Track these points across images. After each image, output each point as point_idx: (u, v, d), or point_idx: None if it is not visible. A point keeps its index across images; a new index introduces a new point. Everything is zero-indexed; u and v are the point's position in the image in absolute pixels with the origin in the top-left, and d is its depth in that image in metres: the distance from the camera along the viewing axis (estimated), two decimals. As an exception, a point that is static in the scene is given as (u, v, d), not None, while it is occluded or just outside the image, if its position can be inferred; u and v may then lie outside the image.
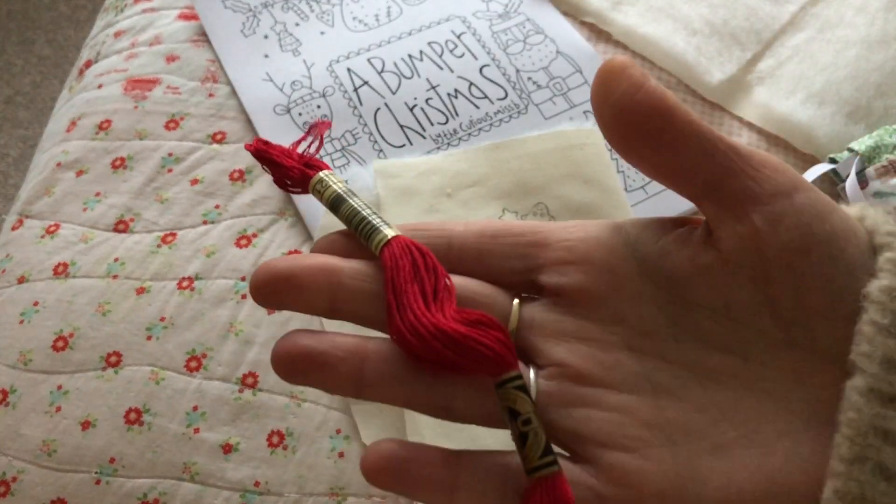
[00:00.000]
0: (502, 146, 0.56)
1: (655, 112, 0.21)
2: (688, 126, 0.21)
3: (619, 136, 0.22)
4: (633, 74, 0.21)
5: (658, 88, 0.21)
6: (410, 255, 0.23)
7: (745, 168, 0.21)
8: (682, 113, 0.21)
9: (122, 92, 0.62)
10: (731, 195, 0.21)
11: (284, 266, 0.23)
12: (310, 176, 0.26)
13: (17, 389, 0.49)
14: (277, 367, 0.22)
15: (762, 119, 0.60)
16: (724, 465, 0.21)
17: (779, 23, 0.64)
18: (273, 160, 0.27)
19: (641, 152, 0.22)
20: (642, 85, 0.21)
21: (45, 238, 0.55)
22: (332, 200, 0.26)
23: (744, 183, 0.21)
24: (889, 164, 0.53)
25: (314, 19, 0.66)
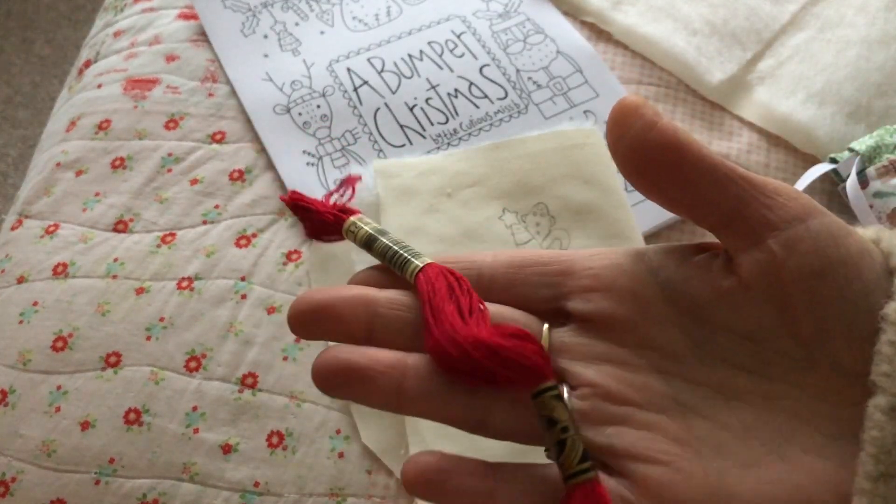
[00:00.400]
0: (502, 146, 0.56)
1: (669, 148, 0.22)
2: (701, 160, 0.22)
3: (635, 173, 0.23)
4: (646, 113, 0.22)
5: (670, 126, 0.22)
6: (445, 278, 0.24)
7: (760, 196, 0.22)
8: (695, 148, 0.22)
9: (122, 92, 0.62)
10: (747, 224, 0.22)
11: (323, 297, 0.24)
12: (343, 220, 0.28)
13: (17, 390, 0.49)
14: (318, 380, 0.23)
15: (762, 119, 0.60)
16: (752, 479, 0.21)
17: (779, 22, 0.64)
18: (308, 208, 0.28)
19: (658, 187, 0.23)
20: (655, 123, 0.22)
21: (45, 238, 0.55)
22: (365, 239, 0.27)
23: (759, 211, 0.22)
24: (889, 164, 0.53)
25: (314, 19, 0.66)
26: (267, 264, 0.54)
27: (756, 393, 0.23)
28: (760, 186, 0.22)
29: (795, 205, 0.22)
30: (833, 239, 0.21)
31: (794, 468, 0.21)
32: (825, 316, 0.21)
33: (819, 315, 0.21)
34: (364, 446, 0.47)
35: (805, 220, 0.22)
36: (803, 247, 0.21)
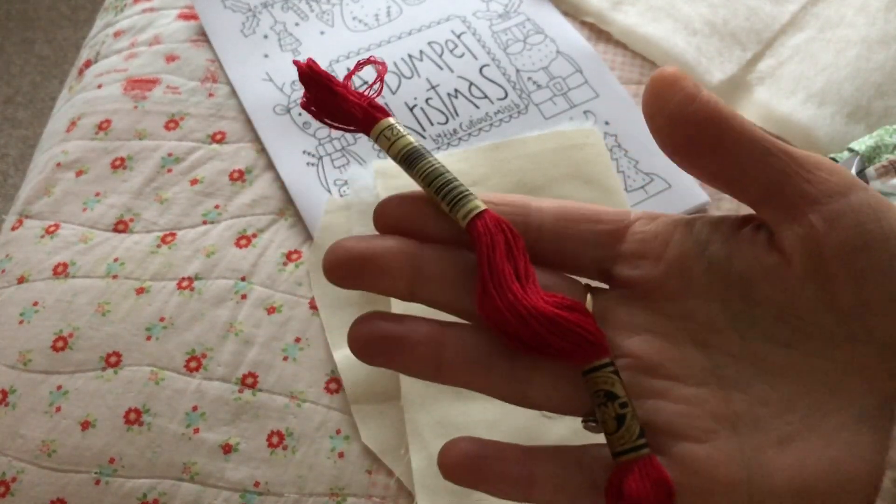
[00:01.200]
0: (502, 146, 0.56)
1: (711, 122, 0.22)
2: (743, 134, 0.22)
3: (675, 146, 0.23)
4: (686, 86, 0.22)
5: (711, 98, 0.22)
6: (503, 233, 0.23)
7: (800, 171, 0.22)
8: (737, 121, 0.22)
9: (122, 92, 0.62)
10: (788, 198, 0.22)
11: (364, 247, 0.23)
12: (376, 118, 0.24)
13: (17, 389, 0.49)
14: (356, 348, 0.23)
15: (762, 119, 0.60)
16: (788, 455, 0.22)
17: (779, 23, 0.64)
18: (331, 88, 0.24)
19: (699, 161, 0.23)
20: (696, 96, 0.22)
21: (45, 238, 0.55)
22: (406, 153, 0.24)
23: (800, 186, 0.22)
24: (889, 164, 0.53)
25: (314, 19, 0.66)
26: (267, 264, 0.54)
27: (794, 367, 0.22)
28: (801, 160, 0.22)
29: (837, 179, 0.22)
30: (874, 213, 0.21)
31: (830, 443, 0.21)
32: (866, 290, 0.21)
33: (860, 289, 0.21)
34: (364, 446, 0.47)
35: (846, 195, 0.21)
36: (844, 221, 0.21)
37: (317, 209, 0.55)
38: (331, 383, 0.49)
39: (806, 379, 0.22)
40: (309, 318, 0.52)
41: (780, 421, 0.22)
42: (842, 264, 0.21)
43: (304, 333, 0.51)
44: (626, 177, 0.57)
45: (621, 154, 0.58)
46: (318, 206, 0.55)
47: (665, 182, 0.56)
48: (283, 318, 0.51)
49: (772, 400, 0.22)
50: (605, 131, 0.59)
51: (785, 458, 0.22)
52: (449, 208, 0.23)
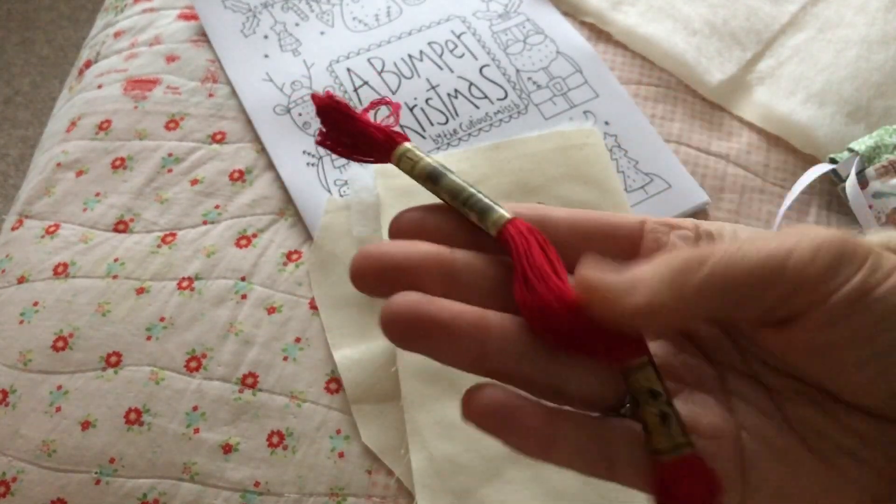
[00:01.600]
0: (502, 146, 0.56)
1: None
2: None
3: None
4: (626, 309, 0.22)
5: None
6: (535, 236, 0.23)
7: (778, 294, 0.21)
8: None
9: (122, 92, 0.62)
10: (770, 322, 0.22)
11: (395, 254, 0.22)
12: (394, 145, 0.25)
13: (17, 389, 0.49)
14: (391, 328, 0.21)
15: (762, 119, 0.60)
16: (783, 472, 0.22)
17: (779, 23, 0.64)
18: (353, 118, 0.25)
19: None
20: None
21: (45, 238, 0.55)
22: (430, 172, 0.24)
23: (780, 311, 0.21)
24: (889, 164, 0.53)
25: (314, 19, 0.66)
26: (267, 264, 0.54)
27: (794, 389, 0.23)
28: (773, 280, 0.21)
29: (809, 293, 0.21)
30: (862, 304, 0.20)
31: (828, 468, 0.22)
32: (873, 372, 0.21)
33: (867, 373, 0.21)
34: (364, 446, 0.47)
35: (823, 301, 0.20)
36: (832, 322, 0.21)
37: (317, 209, 0.55)
38: (331, 383, 0.49)
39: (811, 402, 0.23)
40: (309, 318, 0.52)
41: (779, 436, 0.22)
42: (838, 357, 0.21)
43: (304, 333, 0.51)
44: (626, 177, 0.57)
45: (621, 154, 0.58)
46: (318, 206, 0.55)
47: (665, 182, 0.56)
48: (284, 318, 0.51)
49: (775, 414, 0.23)
50: (604, 131, 0.59)
51: (778, 474, 0.22)
52: (478, 218, 0.24)
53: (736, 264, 0.20)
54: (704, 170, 0.58)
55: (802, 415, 0.22)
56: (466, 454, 0.45)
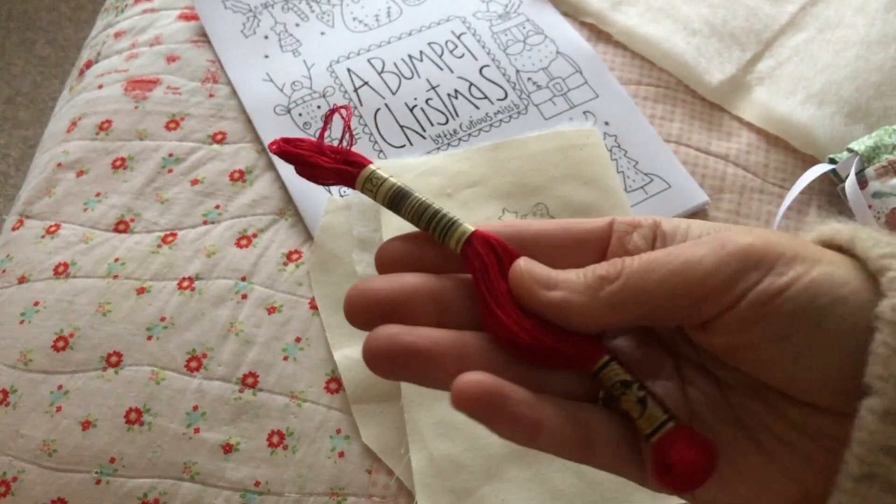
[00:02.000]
0: (502, 146, 0.56)
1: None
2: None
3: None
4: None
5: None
6: (494, 251, 0.24)
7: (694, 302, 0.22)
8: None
9: (123, 92, 0.62)
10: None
11: (386, 290, 0.23)
12: (353, 174, 0.25)
13: (18, 389, 0.49)
14: (374, 362, 0.23)
15: (762, 119, 0.60)
16: (726, 465, 0.23)
17: (778, 23, 0.64)
18: (305, 161, 0.25)
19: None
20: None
21: (46, 238, 0.55)
22: (391, 196, 0.25)
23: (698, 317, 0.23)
24: (888, 165, 0.53)
25: (314, 20, 0.66)
26: (267, 264, 0.54)
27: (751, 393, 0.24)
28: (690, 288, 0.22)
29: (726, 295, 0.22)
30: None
31: (767, 458, 0.23)
32: (801, 372, 0.22)
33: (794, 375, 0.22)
34: (364, 446, 0.47)
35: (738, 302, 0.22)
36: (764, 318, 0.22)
37: (317, 209, 0.55)
38: (331, 383, 0.50)
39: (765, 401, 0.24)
40: (309, 318, 0.52)
41: (727, 423, 0.24)
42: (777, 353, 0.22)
43: (304, 333, 0.51)
44: (625, 177, 0.57)
45: (621, 154, 0.58)
46: (319, 207, 0.55)
47: (665, 182, 0.56)
48: (284, 317, 0.52)
49: (724, 405, 0.24)
50: (604, 132, 0.59)
51: (723, 467, 0.23)
52: (441, 239, 0.24)
53: (647, 276, 0.22)
54: (704, 170, 0.58)
55: (746, 405, 0.23)
56: (466, 453, 0.45)
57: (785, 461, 0.22)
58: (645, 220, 0.26)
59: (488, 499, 0.44)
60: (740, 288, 0.21)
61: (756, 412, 0.23)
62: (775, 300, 0.21)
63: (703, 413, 0.24)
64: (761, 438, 0.23)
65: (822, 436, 0.22)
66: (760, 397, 0.23)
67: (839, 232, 0.24)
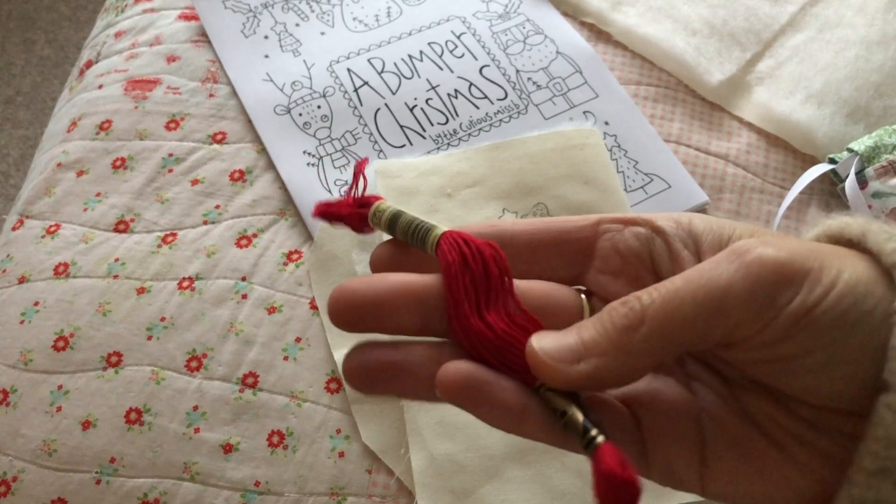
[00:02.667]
0: (502, 146, 0.56)
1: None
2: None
3: None
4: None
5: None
6: (460, 252, 0.24)
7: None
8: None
9: (123, 92, 0.62)
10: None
11: (370, 291, 0.23)
12: (364, 213, 0.27)
13: (18, 389, 0.49)
14: (354, 380, 0.23)
15: (762, 119, 0.60)
16: (732, 459, 0.23)
17: (778, 23, 0.64)
18: (338, 216, 0.27)
19: None
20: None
21: (46, 238, 0.55)
22: (388, 223, 0.26)
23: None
24: (888, 165, 0.53)
25: (314, 20, 0.66)
26: (267, 264, 0.54)
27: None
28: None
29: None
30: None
31: (780, 452, 0.22)
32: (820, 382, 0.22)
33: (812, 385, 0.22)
34: (364, 446, 0.47)
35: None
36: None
37: (317, 209, 0.55)
38: (331, 383, 0.50)
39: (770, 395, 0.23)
40: (309, 318, 0.52)
41: (732, 420, 0.23)
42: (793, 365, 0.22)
43: (304, 333, 0.51)
44: (625, 177, 0.57)
45: (621, 154, 0.58)
46: (319, 207, 0.55)
47: (665, 182, 0.56)
48: (284, 317, 0.52)
49: (730, 398, 0.24)
50: (604, 131, 0.59)
51: (725, 464, 0.23)
52: (421, 246, 0.25)
53: (674, 314, 0.21)
54: (704, 170, 0.58)
55: (755, 402, 0.23)
56: (466, 453, 0.45)
57: (800, 457, 0.22)
58: (638, 216, 0.25)
59: (488, 499, 0.44)
60: (773, 310, 0.21)
61: (768, 410, 0.23)
62: (808, 315, 0.20)
63: (712, 408, 0.24)
64: (775, 434, 0.23)
65: (839, 433, 0.22)
66: (772, 397, 0.23)
67: (848, 226, 0.23)
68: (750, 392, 0.23)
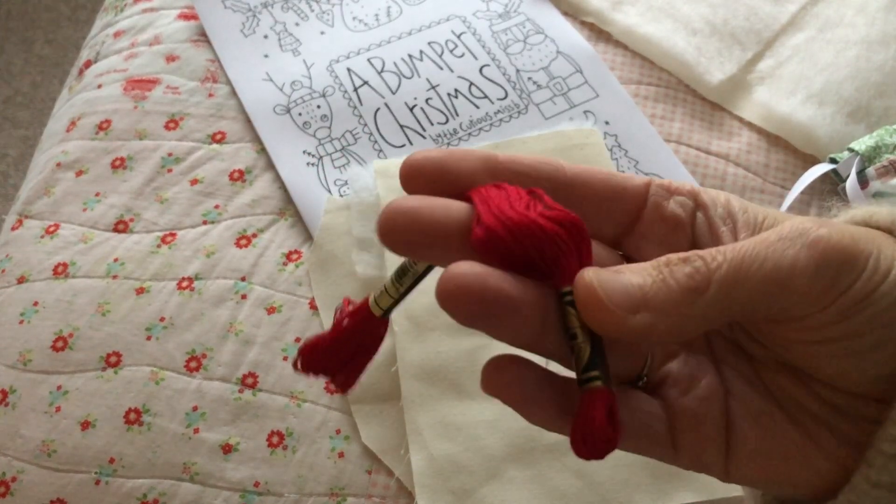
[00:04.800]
0: (502, 146, 0.56)
1: None
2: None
3: None
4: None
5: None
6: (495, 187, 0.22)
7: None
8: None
9: (122, 92, 0.62)
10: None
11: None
12: (365, 315, 0.24)
13: (17, 389, 0.49)
14: (457, 302, 0.19)
15: (762, 119, 0.60)
16: (757, 436, 0.23)
17: (779, 23, 0.64)
18: (330, 367, 0.25)
19: None
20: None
21: (45, 238, 0.55)
22: (397, 274, 0.23)
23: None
24: (889, 164, 0.53)
25: (314, 19, 0.66)
26: (267, 264, 0.54)
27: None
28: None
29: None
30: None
31: (804, 435, 0.22)
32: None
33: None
34: (364, 446, 0.47)
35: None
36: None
37: (317, 209, 0.55)
38: (331, 383, 0.49)
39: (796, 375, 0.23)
40: (309, 318, 0.52)
41: (759, 399, 0.23)
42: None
43: (304, 333, 0.51)
44: (626, 177, 0.57)
45: (621, 154, 0.58)
46: (318, 206, 0.55)
47: (665, 182, 0.56)
48: (283, 318, 0.51)
49: (757, 382, 0.24)
50: (605, 131, 0.59)
51: (754, 437, 0.23)
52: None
53: (741, 284, 0.20)
54: (705, 170, 0.58)
55: (782, 384, 0.23)
56: (466, 454, 0.45)
57: (823, 440, 0.22)
58: (682, 185, 0.24)
59: (488, 499, 0.44)
60: (837, 290, 0.21)
61: (794, 393, 0.23)
62: (868, 299, 0.21)
63: (737, 388, 0.23)
64: (799, 417, 0.23)
65: (862, 419, 0.22)
66: (798, 380, 0.23)
67: (877, 213, 0.23)
68: (777, 373, 0.23)
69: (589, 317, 0.20)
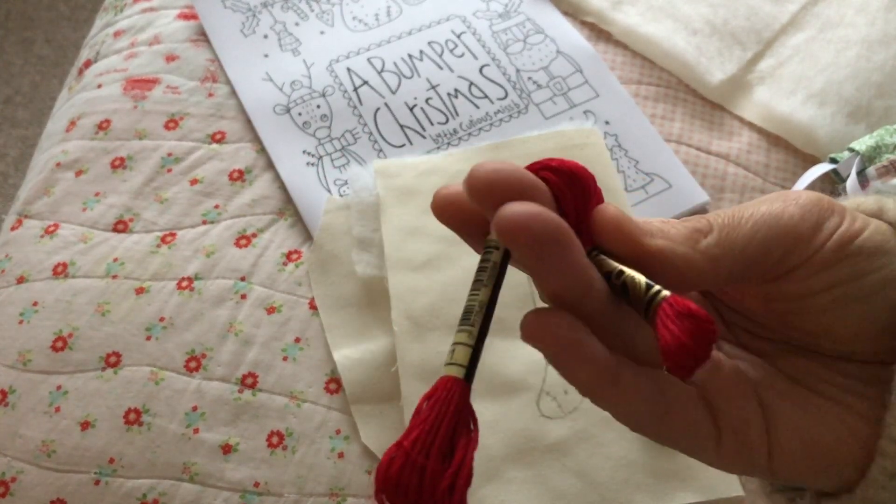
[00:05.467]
0: (502, 146, 0.56)
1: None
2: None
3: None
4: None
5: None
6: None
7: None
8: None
9: (122, 92, 0.62)
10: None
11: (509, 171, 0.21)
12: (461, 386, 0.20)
13: (17, 390, 0.49)
14: (525, 227, 0.19)
15: (763, 119, 0.60)
16: (789, 408, 0.24)
17: (779, 22, 0.64)
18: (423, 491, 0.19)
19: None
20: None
21: (45, 238, 0.55)
22: (485, 310, 0.21)
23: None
24: (890, 164, 0.53)
25: (314, 19, 0.66)
26: (267, 264, 0.54)
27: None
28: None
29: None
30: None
31: (836, 403, 0.23)
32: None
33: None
34: (364, 446, 0.47)
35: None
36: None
37: (317, 209, 0.55)
38: (331, 383, 0.49)
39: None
40: (309, 318, 0.51)
41: (785, 377, 0.24)
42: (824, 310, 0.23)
43: (303, 333, 0.51)
44: (626, 176, 0.57)
45: (621, 154, 0.58)
46: (318, 206, 0.55)
47: (665, 182, 0.56)
48: (283, 318, 0.51)
49: (783, 355, 0.25)
50: (605, 131, 0.58)
51: (786, 410, 0.23)
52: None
53: (738, 228, 0.22)
54: (705, 169, 0.58)
55: (798, 366, 0.24)
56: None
57: (855, 405, 0.23)
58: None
59: (488, 499, 0.44)
60: (824, 233, 0.23)
61: (810, 369, 0.24)
62: (850, 245, 0.22)
63: (759, 376, 0.24)
64: (825, 389, 0.24)
65: (883, 382, 0.23)
66: (810, 357, 0.24)
67: (864, 202, 0.25)
68: (786, 357, 0.24)
69: (612, 238, 0.22)
